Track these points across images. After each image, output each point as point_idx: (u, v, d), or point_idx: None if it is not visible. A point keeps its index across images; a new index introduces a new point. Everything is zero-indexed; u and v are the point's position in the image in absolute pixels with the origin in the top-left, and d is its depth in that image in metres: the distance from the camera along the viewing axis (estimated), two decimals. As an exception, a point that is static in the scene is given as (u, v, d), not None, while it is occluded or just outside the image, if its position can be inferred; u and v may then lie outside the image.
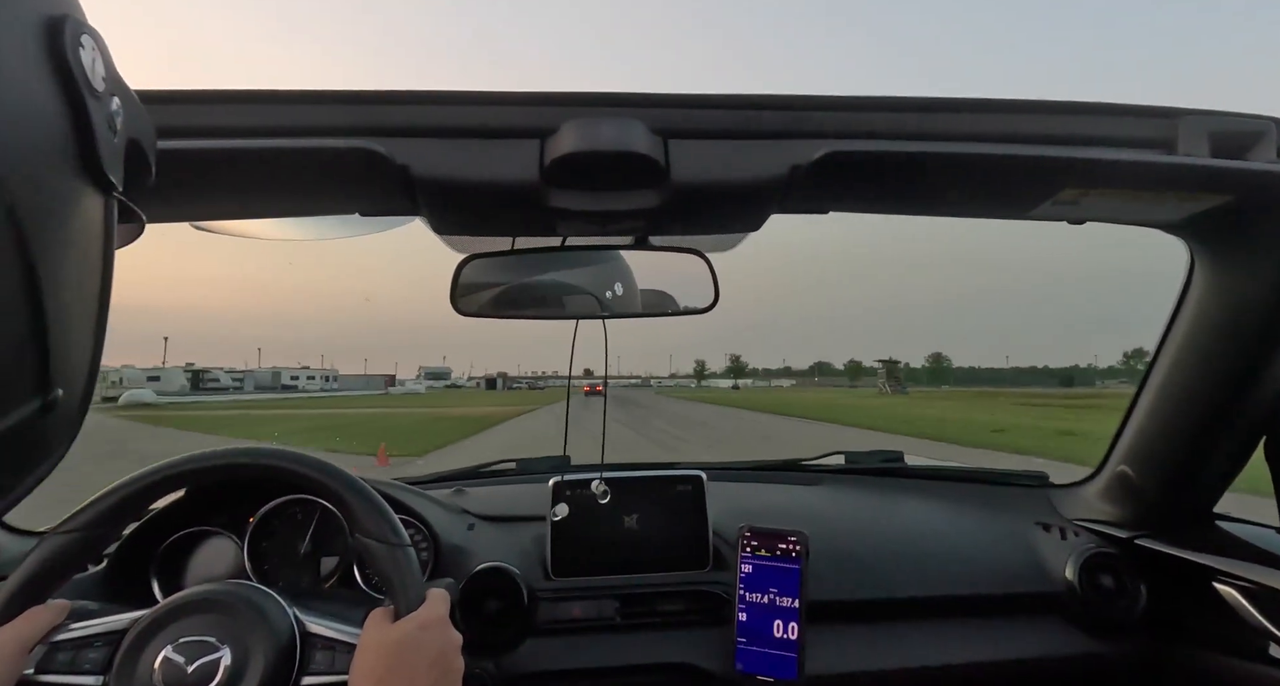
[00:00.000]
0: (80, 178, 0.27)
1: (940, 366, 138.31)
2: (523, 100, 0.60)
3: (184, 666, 0.62)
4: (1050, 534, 1.12)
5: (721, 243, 0.87)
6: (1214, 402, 0.93)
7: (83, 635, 0.66)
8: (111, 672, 0.64)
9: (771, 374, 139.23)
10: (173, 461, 0.73)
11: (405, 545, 0.69)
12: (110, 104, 0.29)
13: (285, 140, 0.57)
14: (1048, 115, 0.64)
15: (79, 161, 0.27)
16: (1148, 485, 1.05)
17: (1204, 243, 0.85)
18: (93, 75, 0.27)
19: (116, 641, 0.66)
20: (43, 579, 0.67)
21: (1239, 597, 0.90)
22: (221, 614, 0.66)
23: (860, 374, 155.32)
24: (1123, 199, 0.72)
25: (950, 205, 0.77)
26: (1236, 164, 0.63)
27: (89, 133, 0.27)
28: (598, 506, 1.06)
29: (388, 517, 0.71)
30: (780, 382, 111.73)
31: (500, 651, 0.96)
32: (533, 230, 0.78)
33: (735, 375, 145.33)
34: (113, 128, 0.29)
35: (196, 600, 0.67)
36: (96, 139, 0.27)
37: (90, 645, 0.66)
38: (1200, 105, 0.65)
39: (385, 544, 0.69)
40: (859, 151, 0.61)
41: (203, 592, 0.68)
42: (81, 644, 0.66)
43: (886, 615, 1.04)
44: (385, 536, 0.69)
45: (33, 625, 0.65)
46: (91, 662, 0.65)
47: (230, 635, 0.64)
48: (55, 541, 0.67)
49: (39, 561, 0.67)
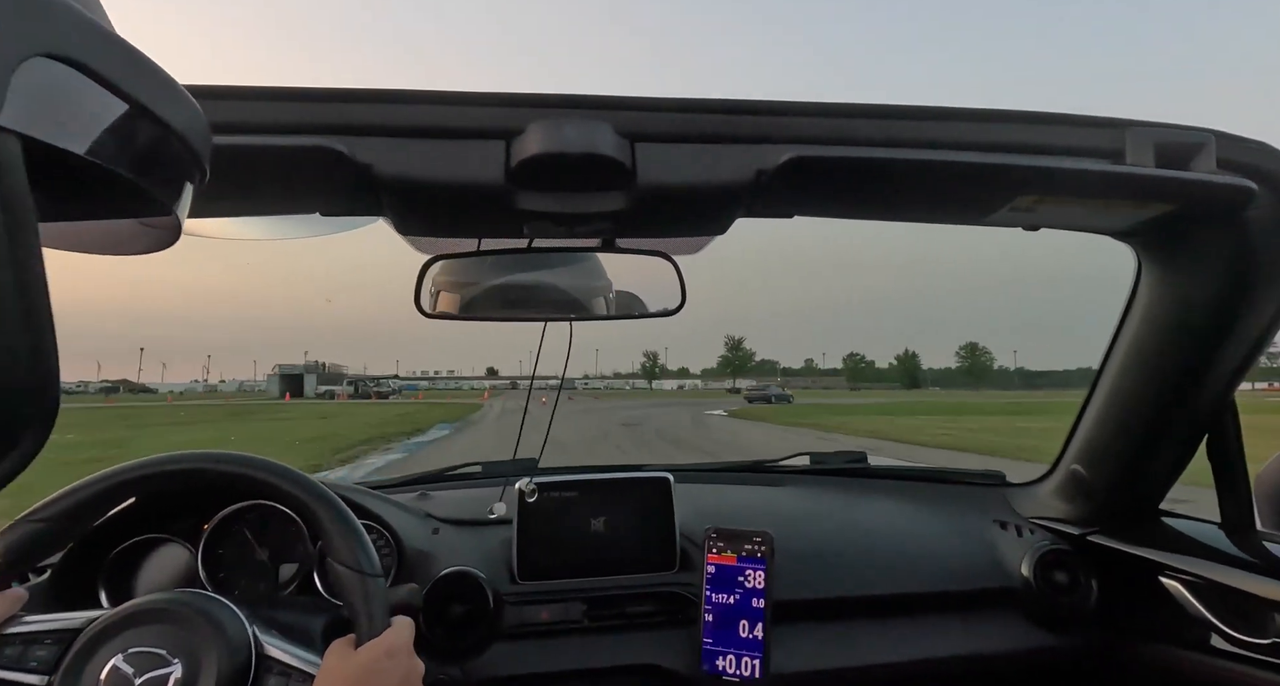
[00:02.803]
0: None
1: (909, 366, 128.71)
2: (488, 101, 0.60)
3: (131, 678, 0.60)
4: (1007, 531, 1.15)
5: (688, 245, 0.88)
6: (1160, 403, 0.96)
7: (34, 631, 0.64)
8: (57, 674, 0.61)
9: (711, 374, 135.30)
10: (149, 460, 0.71)
11: (377, 575, 0.68)
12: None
13: (243, 137, 0.56)
14: (1006, 124, 0.65)
15: None
16: (1098, 483, 1.08)
17: (1150, 249, 0.88)
18: None
19: (68, 641, 0.64)
20: (6, 565, 0.66)
21: (1183, 591, 0.93)
22: (176, 625, 0.64)
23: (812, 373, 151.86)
24: (1075, 206, 0.74)
25: (911, 210, 0.79)
26: (1179, 174, 0.66)
27: None
28: (564, 509, 1.05)
29: (363, 544, 0.70)
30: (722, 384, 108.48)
31: (466, 656, 0.95)
32: (499, 231, 0.78)
33: (649, 377, 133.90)
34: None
35: (152, 608, 0.65)
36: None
37: (40, 642, 0.64)
38: (1147, 117, 0.68)
39: (357, 573, 0.68)
40: (823, 157, 0.62)
41: (160, 601, 0.66)
42: (31, 639, 0.64)
43: (850, 613, 1.06)
44: (358, 564, 0.68)
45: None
46: (39, 661, 0.63)
47: (183, 649, 0.62)
48: (25, 528, 0.66)
49: (5, 547, 0.65)
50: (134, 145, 0.30)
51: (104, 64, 0.27)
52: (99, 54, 0.27)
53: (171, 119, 0.31)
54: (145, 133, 0.30)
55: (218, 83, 0.57)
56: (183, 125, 0.32)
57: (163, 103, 0.30)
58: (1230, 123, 42.81)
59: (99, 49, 0.27)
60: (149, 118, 0.30)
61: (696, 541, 1.04)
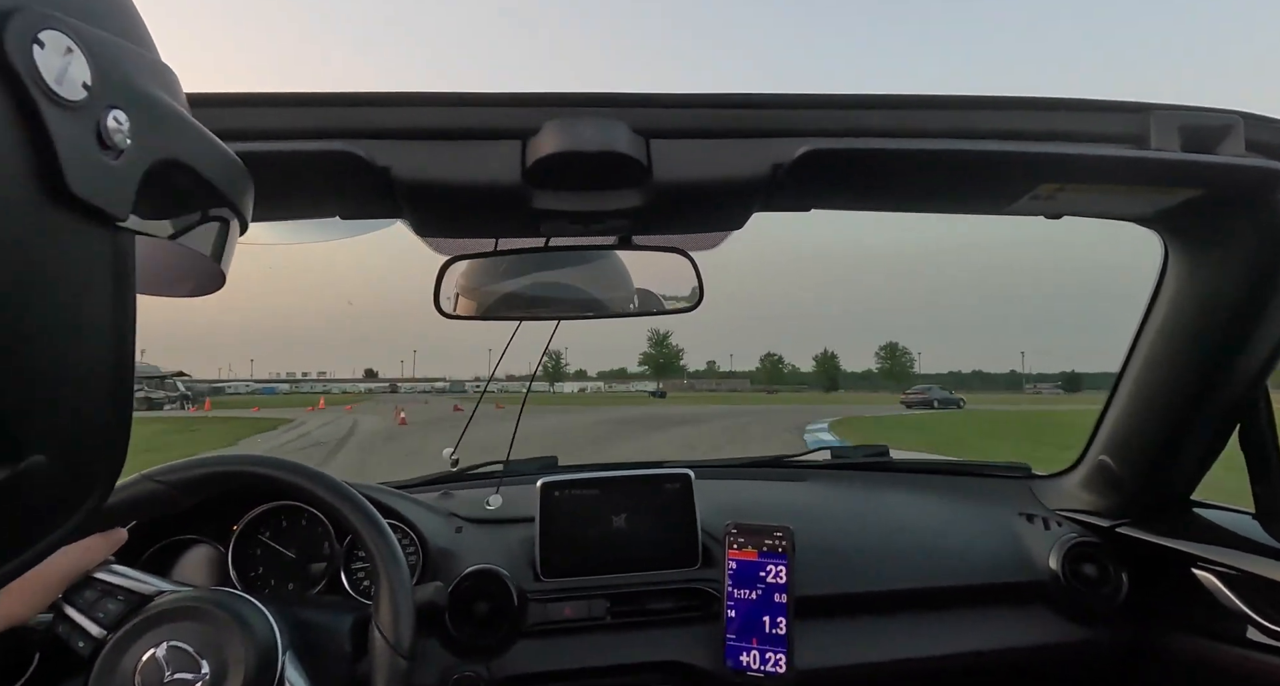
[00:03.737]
0: (47, 205, 0.23)
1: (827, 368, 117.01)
2: (504, 101, 0.60)
3: (164, 671, 0.62)
4: (1033, 524, 1.14)
5: (705, 241, 0.88)
6: (1189, 392, 0.95)
7: (114, 584, 0.68)
8: (114, 635, 0.65)
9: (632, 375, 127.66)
10: (263, 459, 0.76)
11: (409, 658, 0.71)
12: (101, 116, 0.24)
13: (264, 143, 0.56)
14: (1025, 112, 0.65)
15: (37, 184, 0.23)
16: (1127, 474, 1.07)
17: (1177, 235, 0.87)
18: (57, 79, 0.23)
19: (135, 605, 0.67)
20: (122, 510, 0.72)
21: (1217, 582, 0.91)
22: (208, 624, 0.65)
23: (714, 376, 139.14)
24: (1098, 193, 0.73)
25: (930, 201, 0.78)
26: (1206, 158, 0.65)
27: (48, 150, 0.23)
28: (586, 507, 1.06)
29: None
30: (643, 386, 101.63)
31: (491, 654, 0.96)
32: (516, 231, 0.78)
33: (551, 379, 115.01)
34: (107, 145, 0.25)
35: (187, 605, 0.67)
36: (60, 158, 0.23)
37: (114, 596, 0.68)
38: (1171, 100, 0.66)
39: (394, 654, 0.70)
40: (839, 149, 0.62)
41: (193, 599, 0.68)
42: (109, 591, 0.68)
43: (874, 608, 1.05)
44: (399, 643, 0.70)
45: (87, 553, 0.68)
46: (106, 614, 0.67)
47: (213, 649, 0.64)
48: (145, 486, 0.72)
49: (127, 495, 0.72)
50: (201, 219, 0.33)
51: (193, 157, 0.30)
52: (191, 149, 0.30)
53: (225, 187, 0.33)
54: (209, 207, 0.33)
55: (237, 90, 0.58)
56: (229, 187, 0.33)
57: (221, 177, 0.32)
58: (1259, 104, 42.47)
59: (191, 144, 0.30)
60: (214, 194, 0.32)
61: (718, 537, 1.04)
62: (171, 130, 0.29)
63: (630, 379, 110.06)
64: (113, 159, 0.25)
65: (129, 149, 0.26)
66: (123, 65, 0.26)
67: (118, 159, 0.25)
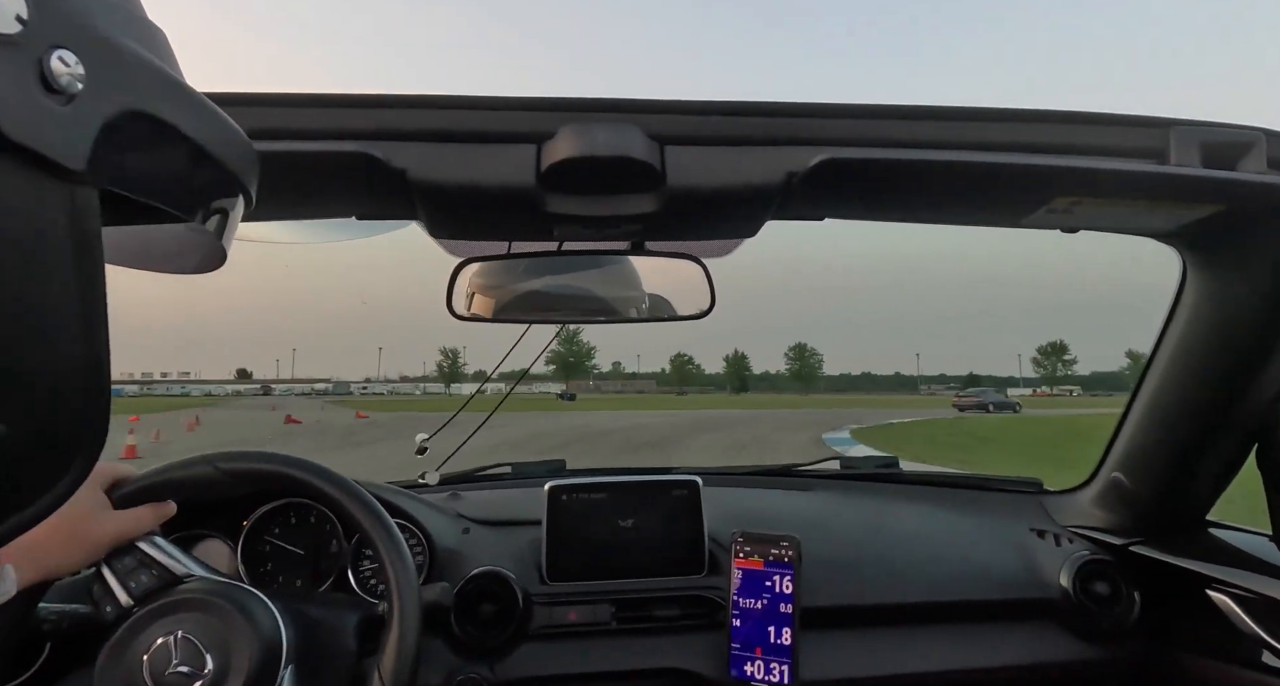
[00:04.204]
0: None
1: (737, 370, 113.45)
2: (520, 105, 0.60)
3: (171, 659, 0.63)
4: (1044, 540, 1.13)
5: (717, 248, 0.88)
6: (1206, 410, 0.93)
7: (153, 557, 0.70)
8: (139, 609, 0.66)
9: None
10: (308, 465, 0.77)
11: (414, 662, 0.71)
12: (43, 55, 0.22)
13: (282, 143, 0.57)
14: (1042, 124, 0.64)
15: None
16: (1141, 492, 1.05)
17: (1196, 251, 0.86)
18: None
19: (165, 583, 0.69)
20: (174, 487, 0.74)
21: (1233, 605, 0.90)
22: (214, 616, 0.66)
23: (620, 377, 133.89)
24: (1116, 208, 0.72)
25: (945, 212, 0.78)
26: (1227, 174, 0.64)
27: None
28: (593, 511, 1.06)
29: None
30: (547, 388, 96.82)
31: (495, 655, 0.96)
32: (529, 235, 0.78)
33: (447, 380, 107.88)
34: (52, 88, 0.23)
35: (196, 598, 0.67)
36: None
37: (149, 568, 0.70)
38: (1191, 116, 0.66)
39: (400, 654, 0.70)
40: (854, 158, 0.62)
41: (201, 590, 0.68)
42: (146, 562, 0.70)
43: (881, 621, 1.04)
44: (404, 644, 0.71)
45: (136, 522, 0.71)
46: (138, 585, 0.69)
47: (218, 643, 0.64)
48: (203, 468, 0.74)
49: (184, 474, 0.74)
50: (191, 186, 0.31)
51: (174, 114, 0.28)
52: (171, 106, 0.28)
53: (225, 157, 0.31)
54: (202, 175, 0.31)
55: (258, 90, 0.58)
56: (232, 160, 0.32)
57: (217, 142, 0.31)
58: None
59: (171, 100, 0.28)
60: (208, 161, 0.31)
61: (724, 545, 1.04)
62: (142, 81, 0.27)
63: (536, 380, 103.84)
64: (60, 104, 0.23)
65: (81, 94, 0.24)
66: (73, 4, 0.24)
67: (67, 104, 0.23)
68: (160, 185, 0.30)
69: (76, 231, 0.25)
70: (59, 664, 0.78)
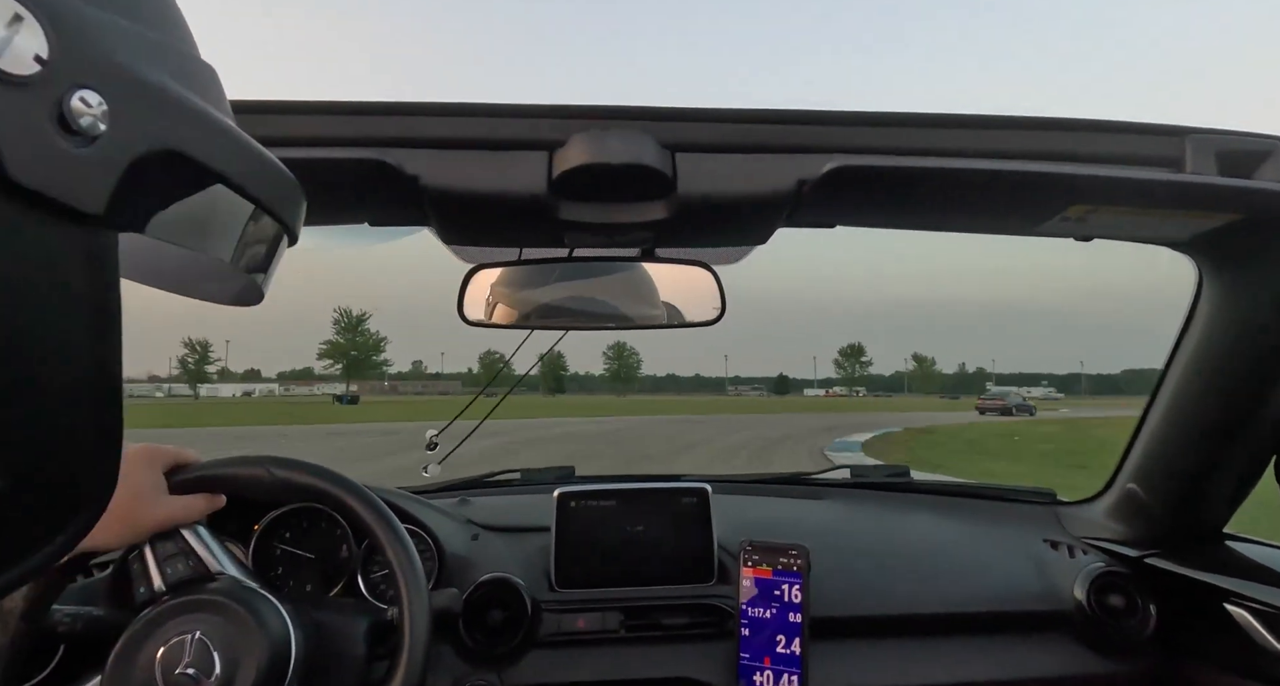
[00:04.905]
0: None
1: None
2: (532, 113, 0.61)
3: (183, 658, 0.64)
4: (1058, 551, 1.11)
5: (728, 255, 0.88)
6: (1223, 421, 0.92)
7: (192, 547, 0.71)
8: (168, 598, 0.67)
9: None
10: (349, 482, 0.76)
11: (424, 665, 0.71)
12: (64, 95, 0.21)
13: (296, 150, 0.58)
14: (1056, 132, 0.64)
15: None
16: (1157, 504, 1.04)
17: (1212, 261, 0.85)
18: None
19: (198, 577, 0.70)
20: (228, 482, 0.75)
21: (1251, 619, 0.88)
22: (225, 618, 0.66)
23: (420, 377, 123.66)
24: (1130, 216, 0.72)
25: (957, 220, 0.77)
26: (1244, 183, 0.63)
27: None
28: (602, 518, 1.05)
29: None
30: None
31: (503, 662, 0.95)
32: (540, 241, 0.79)
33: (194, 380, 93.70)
34: (72, 129, 0.22)
35: (210, 600, 0.68)
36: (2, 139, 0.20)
37: (187, 559, 0.70)
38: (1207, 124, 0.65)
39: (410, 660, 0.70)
40: (866, 166, 0.62)
41: (214, 593, 0.69)
42: (186, 552, 0.71)
43: (891, 631, 1.03)
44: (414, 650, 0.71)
45: (185, 510, 0.72)
46: (174, 573, 0.70)
47: (227, 645, 0.65)
48: (258, 469, 0.75)
49: (239, 471, 0.74)
50: (228, 228, 0.30)
51: (209, 153, 0.27)
52: (206, 145, 0.27)
53: (265, 197, 0.30)
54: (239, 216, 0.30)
55: (271, 98, 0.59)
56: (273, 200, 0.31)
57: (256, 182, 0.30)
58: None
59: (207, 139, 0.27)
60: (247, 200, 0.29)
61: (734, 553, 1.03)
62: (175, 120, 0.25)
63: (318, 380, 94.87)
64: (80, 146, 0.22)
65: (104, 135, 0.22)
66: (101, 41, 0.23)
67: (89, 146, 0.22)
68: (194, 227, 0.28)
69: (94, 277, 0.24)
70: (73, 665, 0.79)
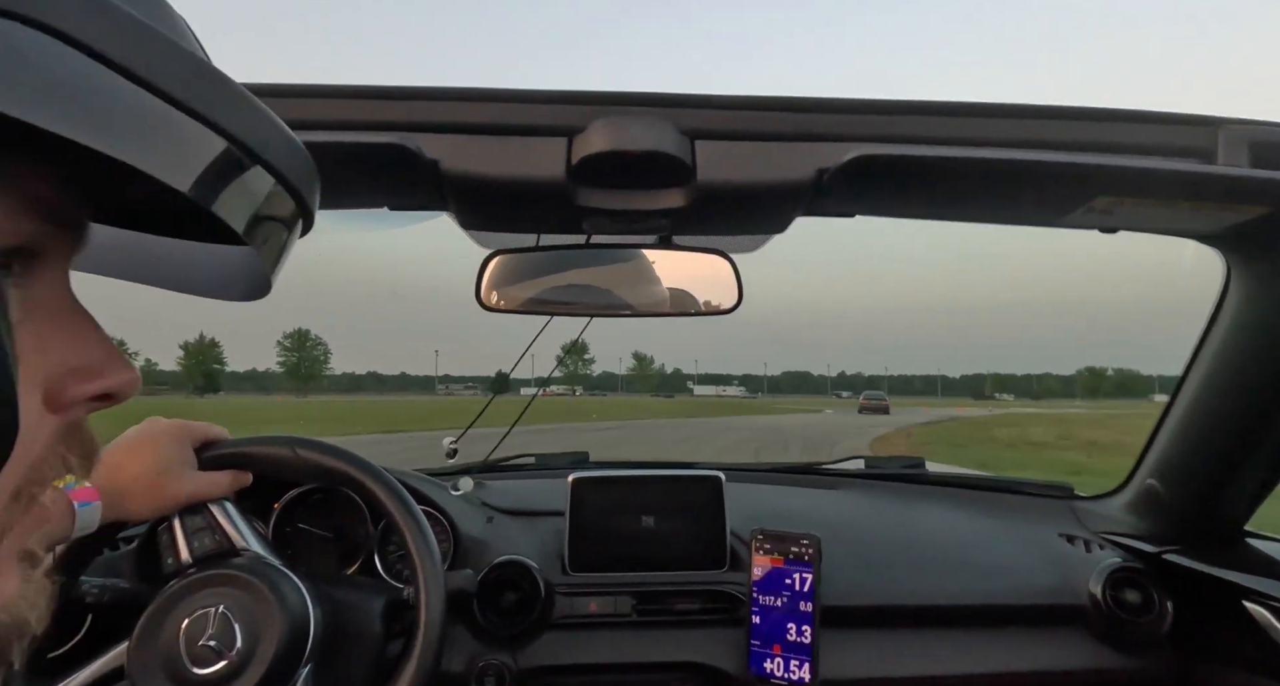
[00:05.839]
0: None
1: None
2: (552, 99, 0.61)
3: (207, 629, 0.65)
4: (1074, 546, 1.10)
5: (746, 243, 0.87)
6: (1248, 418, 0.91)
7: (219, 522, 0.73)
8: (192, 572, 0.69)
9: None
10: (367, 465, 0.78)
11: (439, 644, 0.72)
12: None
13: (316, 134, 0.58)
14: (1083, 122, 0.62)
15: None
16: (1177, 500, 1.03)
17: (1242, 254, 0.83)
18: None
19: (224, 551, 0.72)
20: (255, 460, 0.77)
21: (1270, 618, 0.87)
22: (247, 593, 0.68)
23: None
24: (1158, 208, 0.70)
25: (980, 210, 0.76)
26: (1277, 175, 0.62)
27: None
28: (616, 503, 1.06)
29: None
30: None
31: (516, 643, 0.97)
32: (558, 227, 0.79)
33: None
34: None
35: (231, 574, 0.69)
36: None
37: (213, 534, 0.72)
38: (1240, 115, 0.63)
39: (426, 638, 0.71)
40: (888, 156, 0.61)
41: (235, 568, 0.70)
42: (213, 527, 0.72)
43: (903, 621, 1.03)
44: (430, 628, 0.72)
45: (212, 486, 0.74)
46: (200, 546, 0.71)
47: (248, 620, 0.66)
48: (283, 449, 0.76)
49: (266, 451, 0.76)
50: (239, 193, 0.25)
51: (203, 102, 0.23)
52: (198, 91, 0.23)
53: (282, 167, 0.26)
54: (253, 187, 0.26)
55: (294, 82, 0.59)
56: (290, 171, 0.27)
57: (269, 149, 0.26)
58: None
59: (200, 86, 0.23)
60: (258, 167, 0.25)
61: (746, 541, 1.03)
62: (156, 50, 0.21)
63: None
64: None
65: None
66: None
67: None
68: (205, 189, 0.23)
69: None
70: (99, 637, 0.81)
